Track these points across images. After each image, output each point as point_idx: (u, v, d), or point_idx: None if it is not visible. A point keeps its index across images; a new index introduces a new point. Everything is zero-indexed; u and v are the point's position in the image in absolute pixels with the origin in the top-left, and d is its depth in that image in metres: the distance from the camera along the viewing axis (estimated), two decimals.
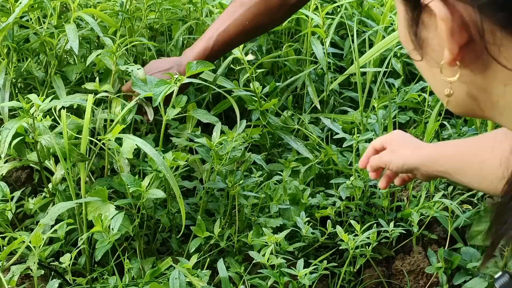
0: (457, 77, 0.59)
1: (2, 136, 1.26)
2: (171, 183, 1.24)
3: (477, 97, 0.61)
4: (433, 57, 0.61)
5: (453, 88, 0.61)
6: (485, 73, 0.58)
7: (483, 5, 0.53)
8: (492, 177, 0.99)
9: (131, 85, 1.41)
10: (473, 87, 0.61)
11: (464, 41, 0.56)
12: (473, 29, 0.55)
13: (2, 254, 1.16)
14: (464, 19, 0.55)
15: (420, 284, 1.51)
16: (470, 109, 0.64)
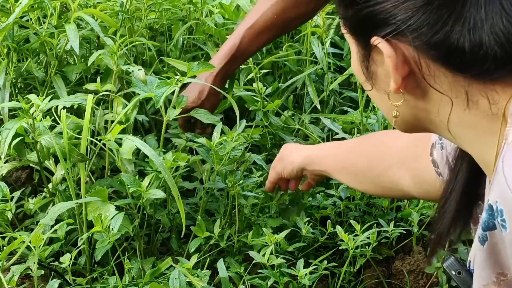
0: (401, 102, 0.73)
1: (2, 136, 1.26)
2: (170, 184, 1.24)
3: (418, 116, 0.75)
4: (381, 86, 0.74)
5: (399, 110, 0.75)
6: (424, 97, 0.72)
7: (419, 46, 0.67)
8: (374, 178, 1.21)
9: (132, 85, 1.41)
10: (414, 108, 0.74)
11: (406, 73, 0.69)
12: (413, 64, 0.69)
13: (2, 254, 1.16)
14: (405, 56, 0.68)
15: (420, 284, 1.51)
16: (413, 126, 0.78)
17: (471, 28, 0.65)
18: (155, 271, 1.27)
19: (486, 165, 0.73)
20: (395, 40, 0.68)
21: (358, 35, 0.73)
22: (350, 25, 0.73)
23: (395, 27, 0.67)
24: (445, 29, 0.65)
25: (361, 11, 0.69)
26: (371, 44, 0.69)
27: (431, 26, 0.65)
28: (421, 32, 0.66)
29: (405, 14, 0.66)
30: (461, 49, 0.65)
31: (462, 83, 0.68)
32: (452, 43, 0.65)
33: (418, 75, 0.69)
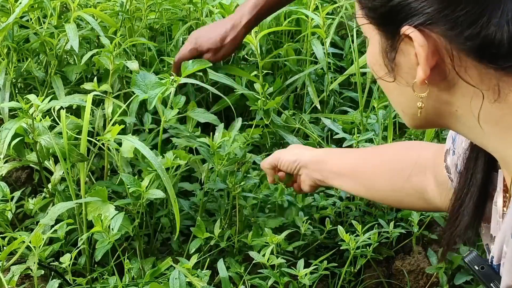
0: (426, 93, 0.72)
1: (2, 136, 1.26)
2: (166, 185, 1.24)
3: (439, 109, 0.74)
4: (403, 78, 0.74)
5: (423, 101, 0.74)
6: (450, 89, 0.71)
7: (452, 36, 0.66)
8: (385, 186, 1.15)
9: (131, 85, 1.41)
10: (437, 101, 0.73)
11: (434, 63, 0.69)
12: (444, 54, 0.68)
13: (2, 254, 1.16)
14: (437, 46, 0.68)
15: (420, 284, 1.50)
16: (430, 120, 0.77)
17: (509, 20, 0.64)
18: (155, 271, 1.27)
19: (506, 160, 0.73)
20: (427, 30, 0.67)
21: (385, 25, 0.71)
22: (375, 15, 0.72)
23: (430, 17, 0.66)
24: (482, 21, 0.65)
25: (391, 1, 0.68)
26: (399, 34, 0.69)
27: (467, 17, 0.65)
28: (456, 22, 0.65)
29: (441, 3, 0.65)
30: (498, 41, 0.65)
31: (493, 75, 0.68)
32: (488, 35, 0.65)
33: (447, 66, 0.69)
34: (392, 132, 1.67)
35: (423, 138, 1.67)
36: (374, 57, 0.76)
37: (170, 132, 1.57)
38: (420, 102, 0.73)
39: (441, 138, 1.73)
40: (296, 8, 1.97)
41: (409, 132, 1.77)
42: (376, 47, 0.74)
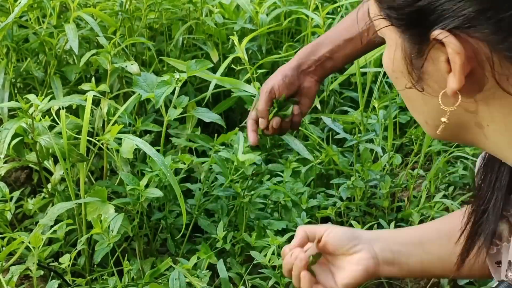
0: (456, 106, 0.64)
1: (1, 136, 1.26)
2: (172, 182, 1.24)
3: (469, 122, 0.66)
4: (431, 87, 0.65)
5: (450, 115, 0.65)
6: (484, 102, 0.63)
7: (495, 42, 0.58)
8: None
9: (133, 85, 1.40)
10: (467, 113, 0.65)
11: (468, 72, 0.61)
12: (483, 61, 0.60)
13: (1, 254, 1.16)
14: (475, 52, 0.59)
15: (421, 284, 1.50)
16: (457, 133, 0.69)
17: None
18: (155, 271, 1.26)
19: None
20: (463, 34, 0.59)
21: (409, 28, 0.63)
22: (399, 16, 0.63)
23: (467, 19, 0.58)
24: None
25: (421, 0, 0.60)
26: (429, 39, 0.61)
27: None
28: (499, 26, 0.57)
29: (482, 4, 0.57)
30: None
31: None
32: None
33: (484, 75, 0.61)
34: (392, 132, 1.66)
35: (424, 138, 1.67)
36: (395, 63, 0.67)
37: (170, 132, 1.57)
38: (446, 117, 0.66)
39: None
40: (296, 8, 1.97)
41: (409, 133, 1.76)
42: (397, 53, 0.66)
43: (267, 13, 1.97)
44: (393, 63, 0.68)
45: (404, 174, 1.67)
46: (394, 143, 1.73)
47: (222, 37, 1.97)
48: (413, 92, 0.67)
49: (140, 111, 1.69)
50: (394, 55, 0.67)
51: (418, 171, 1.66)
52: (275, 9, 2.01)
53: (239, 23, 1.98)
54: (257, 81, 1.68)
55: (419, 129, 1.78)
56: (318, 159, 1.65)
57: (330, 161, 1.70)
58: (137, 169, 1.47)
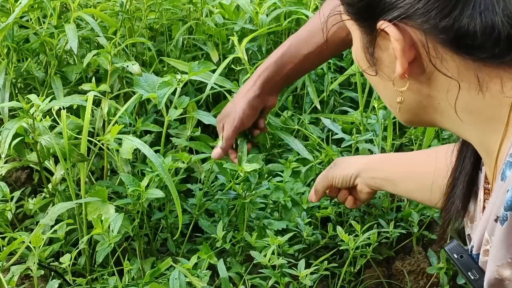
0: (406, 87, 0.73)
1: (2, 136, 1.26)
2: (168, 184, 1.24)
3: (422, 102, 0.75)
4: (385, 72, 0.74)
5: (403, 96, 0.75)
6: (429, 82, 0.72)
7: (427, 29, 0.67)
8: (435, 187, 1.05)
9: (134, 85, 1.41)
10: (418, 95, 0.74)
11: (412, 57, 0.69)
12: (420, 48, 0.69)
13: (2, 254, 1.16)
14: (413, 40, 0.69)
15: (420, 284, 1.50)
16: (416, 115, 0.78)
17: (482, 11, 0.65)
18: (155, 271, 1.26)
19: (488, 151, 0.73)
20: (402, 24, 0.68)
21: (363, 21, 0.72)
22: (355, 11, 0.72)
23: (403, 11, 0.67)
24: (454, 13, 0.65)
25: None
26: (377, 29, 0.70)
27: (440, 10, 0.66)
28: (429, 16, 0.66)
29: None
30: (472, 32, 0.65)
31: (472, 66, 0.68)
32: (462, 27, 0.66)
33: (424, 59, 0.70)
34: (392, 132, 1.67)
35: (423, 138, 1.68)
36: (357, 52, 0.77)
37: (170, 132, 1.57)
38: (400, 97, 0.75)
39: (441, 138, 1.73)
40: (296, 8, 1.97)
41: (409, 133, 1.77)
42: (358, 42, 0.76)
43: (267, 14, 1.97)
44: (356, 52, 0.78)
45: None
46: (393, 143, 1.73)
47: (222, 38, 1.97)
48: (375, 79, 0.77)
49: (140, 111, 1.69)
50: (356, 46, 0.77)
51: None
52: (275, 9, 2.01)
53: (239, 24, 1.98)
54: None
55: (419, 129, 1.78)
56: (318, 159, 1.65)
57: (330, 161, 1.70)
58: (137, 169, 1.47)
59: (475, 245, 0.77)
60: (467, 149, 0.84)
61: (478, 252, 0.77)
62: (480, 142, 0.74)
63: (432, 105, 0.74)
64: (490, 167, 0.75)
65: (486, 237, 0.72)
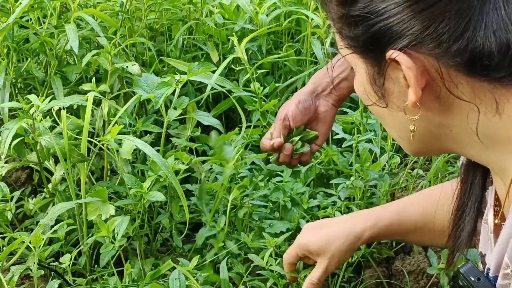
0: (418, 116, 0.71)
1: (2, 136, 1.26)
2: (173, 183, 1.24)
3: (434, 129, 0.73)
4: (395, 103, 0.72)
5: (416, 124, 0.72)
6: (442, 108, 0.70)
7: (439, 54, 0.65)
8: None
9: (133, 85, 1.41)
10: (431, 121, 0.72)
11: (424, 84, 0.67)
12: (433, 73, 0.67)
13: (2, 254, 1.16)
14: (425, 66, 0.67)
15: (421, 284, 1.50)
16: (427, 142, 0.75)
17: (495, 31, 0.64)
18: (156, 272, 1.26)
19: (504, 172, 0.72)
20: (412, 51, 0.66)
21: (369, 53, 0.70)
22: (357, 43, 0.70)
23: (413, 38, 0.65)
24: (467, 34, 0.64)
25: (372, 27, 0.67)
26: (385, 60, 0.68)
27: (452, 32, 0.64)
28: (441, 39, 0.64)
29: (422, 23, 0.64)
30: (487, 52, 0.64)
31: (488, 88, 0.67)
32: (476, 47, 0.64)
33: (437, 84, 0.68)
34: None
35: None
36: (363, 85, 0.74)
37: (170, 132, 1.57)
38: (412, 125, 0.72)
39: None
40: (296, 8, 1.97)
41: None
42: (363, 76, 0.73)
43: (267, 14, 1.98)
44: (360, 85, 0.75)
45: (404, 174, 1.68)
46: (393, 143, 1.73)
47: (222, 38, 1.97)
48: (383, 110, 0.74)
49: (140, 111, 1.69)
50: (360, 79, 0.74)
51: (418, 171, 1.66)
52: (275, 9, 2.01)
53: (239, 24, 1.98)
54: (257, 81, 1.69)
55: None
56: (318, 159, 1.65)
57: (330, 161, 1.70)
58: (137, 169, 1.47)
59: (492, 268, 0.76)
60: (475, 173, 0.82)
61: (495, 274, 0.76)
62: (494, 163, 0.73)
63: (444, 132, 0.73)
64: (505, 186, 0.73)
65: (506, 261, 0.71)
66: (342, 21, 0.70)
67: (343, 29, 0.71)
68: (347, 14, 0.69)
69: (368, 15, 0.67)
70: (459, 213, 0.85)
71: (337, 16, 0.71)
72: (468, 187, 0.83)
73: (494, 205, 0.81)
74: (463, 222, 0.84)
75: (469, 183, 0.83)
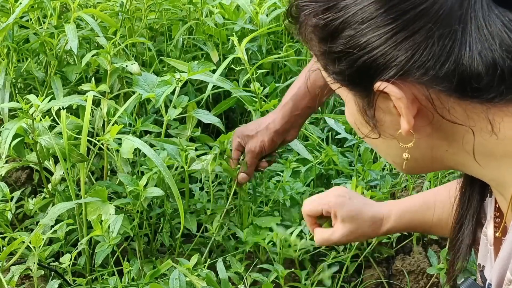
0: (412, 143, 0.70)
1: (2, 136, 1.26)
2: (170, 183, 1.24)
3: (429, 153, 0.73)
4: (387, 132, 0.72)
5: (409, 152, 0.72)
6: (436, 133, 0.70)
7: (427, 81, 0.65)
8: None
9: (133, 85, 1.41)
10: (425, 147, 0.72)
11: (415, 111, 0.67)
12: (423, 100, 0.66)
13: (2, 254, 1.16)
14: (414, 94, 0.66)
15: (420, 284, 1.50)
16: (423, 165, 0.76)
17: (480, 51, 0.63)
18: (155, 272, 1.26)
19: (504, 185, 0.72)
20: (400, 81, 0.65)
21: (355, 86, 0.69)
22: (343, 78, 0.69)
23: (399, 68, 0.64)
24: (452, 59, 0.63)
25: (357, 61, 0.66)
26: (373, 92, 0.67)
27: (437, 59, 0.63)
28: (427, 67, 0.64)
29: (406, 53, 0.64)
30: (475, 74, 0.63)
31: (480, 109, 0.66)
32: (464, 71, 0.63)
33: (429, 111, 0.67)
34: None
35: None
36: (354, 116, 0.74)
37: (170, 132, 1.57)
38: (405, 153, 0.72)
39: None
40: None
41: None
42: (353, 107, 0.73)
43: (267, 14, 1.98)
44: (351, 116, 0.75)
45: (404, 174, 1.68)
46: None
47: (222, 38, 1.98)
48: (376, 139, 0.73)
49: (140, 111, 1.69)
50: (350, 110, 0.74)
51: None
52: (275, 9, 2.02)
53: (239, 24, 1.98)
54: (257, 81, 1.69)
55: None
56: (318, 159, 1.65)
57: (330, 161, 1.70)
58: (137, 169, 1.47)
59: (493, 284, 0.75)
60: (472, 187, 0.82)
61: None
62: (493, 178, 0.72)
63: (439, 153, 0.72)
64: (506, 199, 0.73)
65: (509, 276, 0.70)
66: (325, 57, 0.70)
67: (327, 65, 0.70)
68: (329, 51, 0.68)
69: (351, 50, 0.66)
70: (458, 226, 0.85)
71: (320, 53, 0.70)
72: (466, 199, 0.83)
73: (494, 217, 0.80)
74: (462, 235, 0.83)
75: (467, 196, 0.83)
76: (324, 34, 0.68)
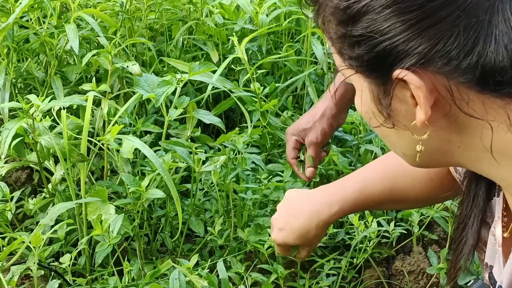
0: (427, 135, 0.68)
1: (2, 136, 1.26)
2: (169, 184, 1.24)
3: (442, 147, 0.71)
4: (401, 122, 0.69)
5: (423, 144, 0.70)
6: (452, 126, 0.68)
7: (449, 71, 0.63)
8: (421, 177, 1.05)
9: (134, 85, 1.41)
10: (439, 139, 0.70)
11: (432, 103, 0.65)
12: (442, 91, 0.65)
13: (2, 254, 1.16)
14: (434, 84, 0.64)
15: (421, 284, 1.50)
16: (433, 159, 0.74)
17: (506, 45, 0.61)
18: (155, 272, 1.27)
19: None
20: (420, 70, 0.63)
21: (372, 72, 0.67)
22: (361, 64, 0.67)
23: (421, 56, 0.62)
24: (477, 49, 0.62)
25: (377, 46, 0.64)
26: (391, 79, 0.65)
27: (461, 49, 0.62)
28: (450, 57, 0.62)
29: (430, 41, 0.62)
30: (500, 67, 0.62)
31: (500, 104, 0.65)
32: (487, 63, 0.62)
33: (447, 103, 0.65)
34: None
35: None
36: (366, 105, 0.71)
37: (171, 132, 1.57)
38: (419, 145, 0.70)
39: None
40: (296, 8, 1.97)
41: None
42: (367, 95, 0.70)
43: (267, 14, 1.97)
44: (364, 105, 0.72)
45: None
46: None
47: (222, 38, 1.98)
48: (388, 130, 0.71)
49: (140, 111, 1.69)
50: (363, 98, 0.71)
51: None
52: (275, 9, 2.01)
53: (239, 24, 1.98)
54: (257, 81, 1.69)
55: None
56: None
57: (330, 161, 1.70)
58: (137, 168, 1.47)
59: (504, 284, 0.74)
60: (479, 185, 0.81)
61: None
62: (505, 177, 0.71)
63: (451, 148, 0.71)
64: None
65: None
66: (342, 41, 0.67)
67: (344, 50, 0.68)
68: (348, 34, 0.66)
69: (372, 35, 0.64)
70: (461, 226, 0.83)
71: (337, 36, 0.68)
72: (471, 199, 0.81)
73: (502, 217, 0.79)
74: (466, 236, 0.82)
75: (471, 195, 0.81)
76: (344, 16, 0.66)
